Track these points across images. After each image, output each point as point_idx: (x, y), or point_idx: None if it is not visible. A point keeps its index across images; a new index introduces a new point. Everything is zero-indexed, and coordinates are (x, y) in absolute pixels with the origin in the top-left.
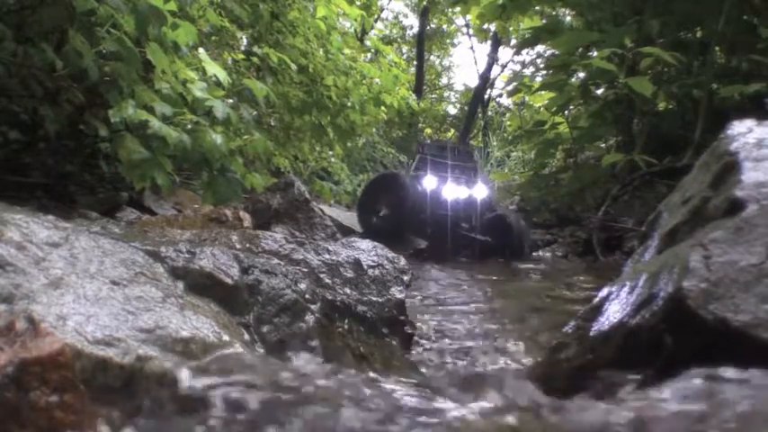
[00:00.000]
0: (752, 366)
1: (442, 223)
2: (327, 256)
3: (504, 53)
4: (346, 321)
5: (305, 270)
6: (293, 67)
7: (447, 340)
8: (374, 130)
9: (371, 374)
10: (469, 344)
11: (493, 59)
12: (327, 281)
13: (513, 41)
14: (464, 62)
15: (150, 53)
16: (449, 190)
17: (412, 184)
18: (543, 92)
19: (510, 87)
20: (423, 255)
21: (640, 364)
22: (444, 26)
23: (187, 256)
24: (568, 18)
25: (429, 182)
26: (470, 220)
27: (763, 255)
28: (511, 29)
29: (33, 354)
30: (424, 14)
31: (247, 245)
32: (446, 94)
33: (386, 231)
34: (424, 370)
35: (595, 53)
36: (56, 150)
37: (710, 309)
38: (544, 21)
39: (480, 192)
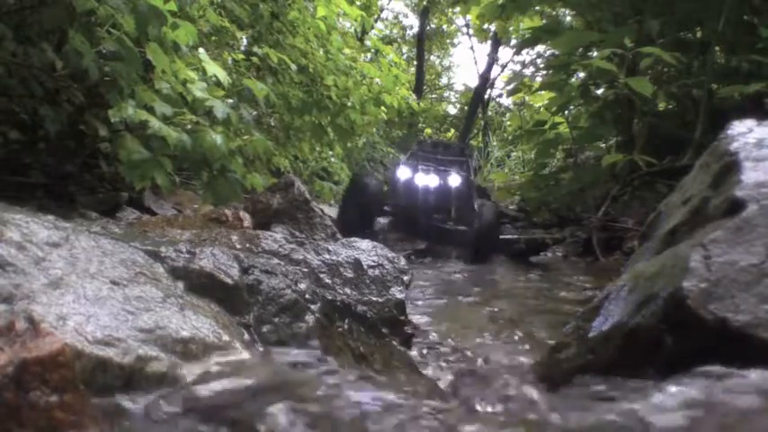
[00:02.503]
0: (752, 366)
1: (411, 213)
2: (327, 256)
3: (504, 53)
4: (346, 321)
5: (305, 270)
6: (293, 67)
7: (447, 340)
8: (374, 130)
9: (371, 374)
10: (469, 344)
11: (493, 59)
12: (327, 281)
13: (513, 41)
14: (464, 62)
15: (150, 53)
16: (420, 179)
17: (370, 178)
18: (543, 92)
19: (510, 87)
20: (422, 255)
21: (640, 364)
22: (444, 26)
23: (187, 256)
24: (568, 18)
25: (402, 172)
26: (444, 211)
27: (763, 255)
28: (511, 29)
29: (33, 354)
30: (424, 14)
31: (247, 245)
32: (446, 94)
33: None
34: (424, 370)
35: (595, 53)
36: (56, 150)
37: (710, 309)
38: (544, 21)
39: (454, 181)
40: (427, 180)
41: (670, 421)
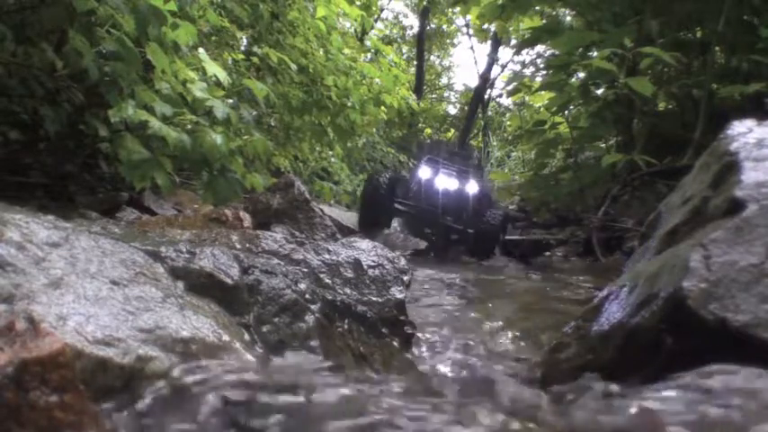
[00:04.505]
0: (752, 366)
1: (429, 214)
2: (327, 256)
3: (504, 53)
4: (346, 321)
5: (305, 270)
6: (293, 67)
7: (447, 340)
8: (374, 130)
9: (371, 374)
10: (470, 344)
11: (493, 59)
12: (327, 281)
13: (513, 41)
14: (464, 62)
15: (150, 53)
16: (440, 182)
17: (386, 179)
18: (543, 92)
19: (510, 87)
20: (423, 255)
21: (640, 364)
22: (444, 26)
23: (187, 256)
24: (568, 18)
25: (423, 173)
26: (459, 214)
27: (763, 255)
28: (511, 29)
29: (33, 354)
30: (424, 14)
31: (247, 245)
32: (446, 94)
33: (364, 224)
34: (424, 370)
35: (595, 53)
36: (56, 150)
37: (710, 309)
38: (544, 21)
39: (472, 187)
40: (448, 183)
41: (670, 422)
